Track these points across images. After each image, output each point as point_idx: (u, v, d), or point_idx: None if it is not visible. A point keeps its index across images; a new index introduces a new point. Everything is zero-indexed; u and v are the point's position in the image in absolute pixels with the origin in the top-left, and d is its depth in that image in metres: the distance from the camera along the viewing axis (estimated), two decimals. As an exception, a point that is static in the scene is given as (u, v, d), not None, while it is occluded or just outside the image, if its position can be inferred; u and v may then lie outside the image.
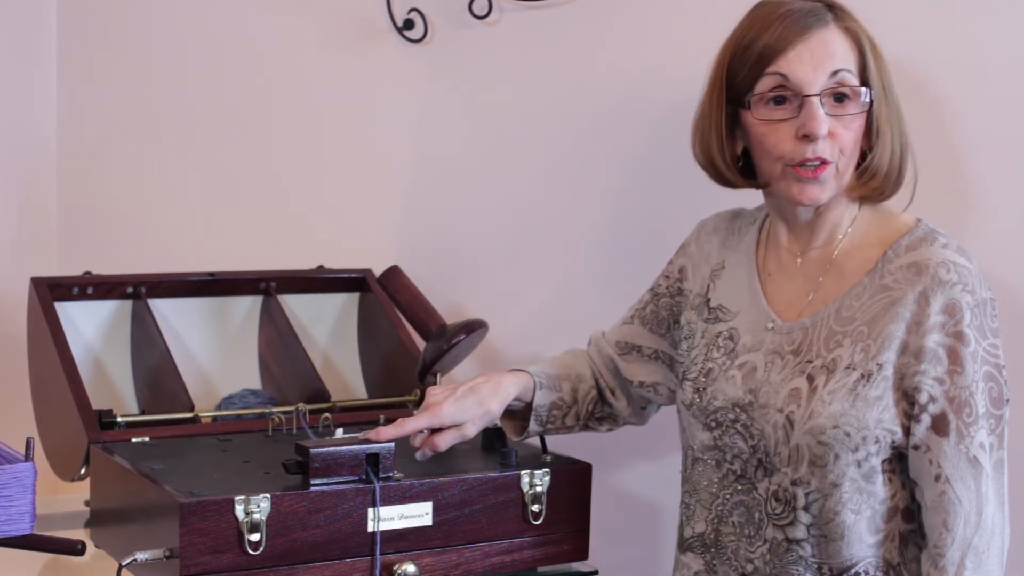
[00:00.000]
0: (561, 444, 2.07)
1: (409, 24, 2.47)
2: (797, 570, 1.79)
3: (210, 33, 2.56)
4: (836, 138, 1.77)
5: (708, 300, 1.94)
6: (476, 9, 2.44)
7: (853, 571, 1.77)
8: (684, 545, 1.93)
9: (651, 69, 2.36)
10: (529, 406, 1.98)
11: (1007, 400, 1.76)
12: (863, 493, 1.76)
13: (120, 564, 1.76)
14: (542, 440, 2.01)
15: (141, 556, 1.76)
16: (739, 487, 1.84)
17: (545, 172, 2.46)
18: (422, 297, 2.33)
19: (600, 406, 2.06)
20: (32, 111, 2.58)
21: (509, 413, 1.99)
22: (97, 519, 2.03)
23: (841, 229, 1.85)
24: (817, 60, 1.77)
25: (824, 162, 1.77)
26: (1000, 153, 2.19)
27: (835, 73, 1.77)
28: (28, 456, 1.72)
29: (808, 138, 1.76)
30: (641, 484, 2.41)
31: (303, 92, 2.55)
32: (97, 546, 2.00)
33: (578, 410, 2.03)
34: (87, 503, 2.07)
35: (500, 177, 2.48)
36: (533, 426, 1.99)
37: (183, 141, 2.58)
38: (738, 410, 1.83)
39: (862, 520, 1.76)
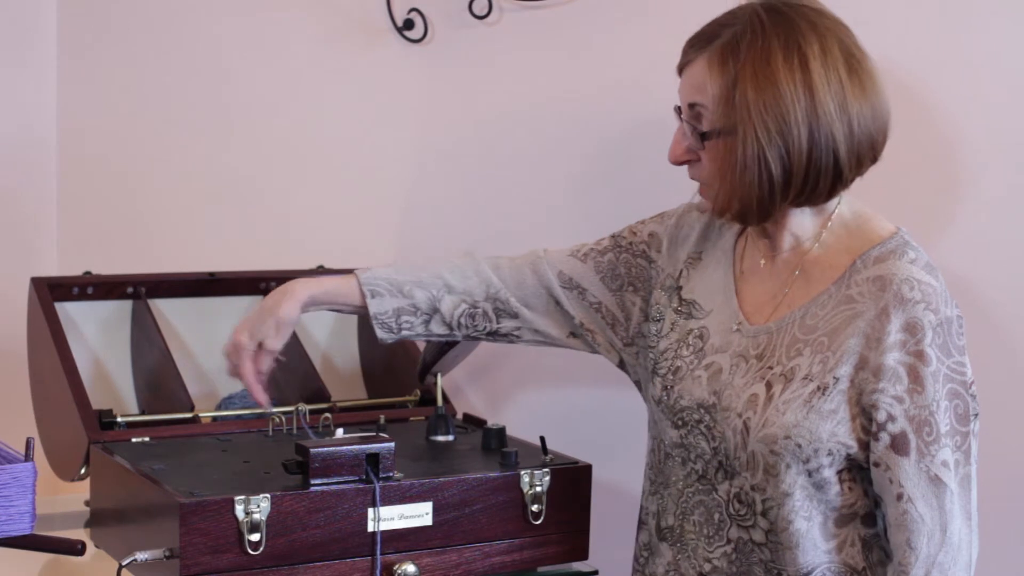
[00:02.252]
0: (561, 444, 2.07)
1: (409, 24, 2.47)
2: (759, 571, 1.79)
3: (210, 33, 2.57)
4: (698, 166, 1.81)
5: (680, 288, 1.92)
6: (476, 9, 2.44)
7: None
8: (660, 535, 1.91)
9: (652, 69, 2.36)
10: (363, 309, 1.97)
11: (975, 415, 1.73)
12: (814, 500, 1.74)
13: (120, 564, 1.77)
14: (542, 441, 2.01)
15: (141, 556, 1.76)
16: (700, 487, 1.83)
17: (545, 171, 2.46)
18: (422, 297, 2.33)
19: (492, 320, 2.00)
20: (32, 111, 2.58)
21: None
22: (97, 519, 2.03)
23: (807, 234, 1.81)
24: (683, 88, 1.80)
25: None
26: (991, 152, 2.19)
27: (692, 106, 1.79)
28: (28, 456, 1.72)
29: None
30: (641, 484, 2.40)
31: (303, 92, 2.55)
32: (97, 546, 2.00)
33: (447, 320, 1.98)
34: (87, 503, 2.07)
35: (500, 177, 2.48)
36: (381, 333, 1.97)
37: (183, 141, 2.58)
38: (702, 411, 1.82)
39: (815, 526, 1.75)
